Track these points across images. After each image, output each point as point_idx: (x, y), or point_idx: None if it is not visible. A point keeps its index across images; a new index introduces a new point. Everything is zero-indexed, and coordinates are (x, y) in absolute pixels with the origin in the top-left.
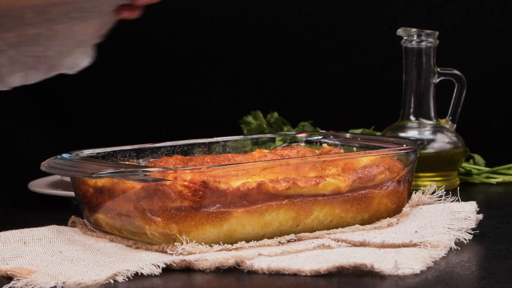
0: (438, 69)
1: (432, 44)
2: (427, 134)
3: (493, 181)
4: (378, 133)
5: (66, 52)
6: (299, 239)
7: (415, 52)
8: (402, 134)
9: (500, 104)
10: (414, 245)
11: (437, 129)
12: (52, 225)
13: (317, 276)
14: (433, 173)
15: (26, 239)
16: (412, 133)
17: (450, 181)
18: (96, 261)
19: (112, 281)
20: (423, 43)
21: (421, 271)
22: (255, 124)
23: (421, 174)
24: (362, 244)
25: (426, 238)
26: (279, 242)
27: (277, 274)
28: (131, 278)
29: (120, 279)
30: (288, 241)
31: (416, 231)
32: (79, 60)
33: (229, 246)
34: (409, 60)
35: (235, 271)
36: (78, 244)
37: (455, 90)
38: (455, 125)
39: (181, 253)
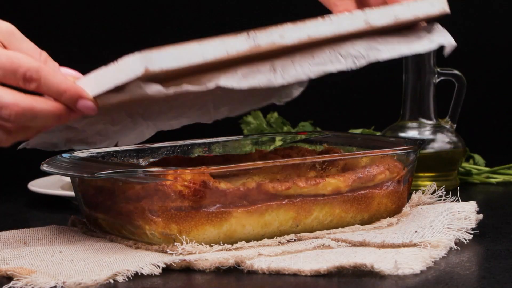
0: (438, 69)
1: None
2: (427, 134)
3: (493, 181)
4: (378, 133)
5: (279, 87)
6: (299, 239)
7: None
8: (402, 134)
9: (500, 104)
10: (414, 245)
11: (437, 129)
12: (52, 225)
13: (317, 276)
14: (433, 173)
15: (26, 239)
16: (412, 133)
17: (450, 181)
18: (96, 261)
19: (112, 281)
20: None
21: (421, 271)
22: (255, 124)
23: (421, 174)
24: (362, 244)
25: (426, 238)
26: (279, 242)
27: (277, 274)
28: (131, 278)
29: (120, 279)
30: (288, 241)
31: (416, 231)
32: (292, 91)
33: (229, 246)
34: (409, 60)
35: (235, 271)
36: (78, 244)
37: (455, 90)
38: (455, 125)
39: (181, 253)
